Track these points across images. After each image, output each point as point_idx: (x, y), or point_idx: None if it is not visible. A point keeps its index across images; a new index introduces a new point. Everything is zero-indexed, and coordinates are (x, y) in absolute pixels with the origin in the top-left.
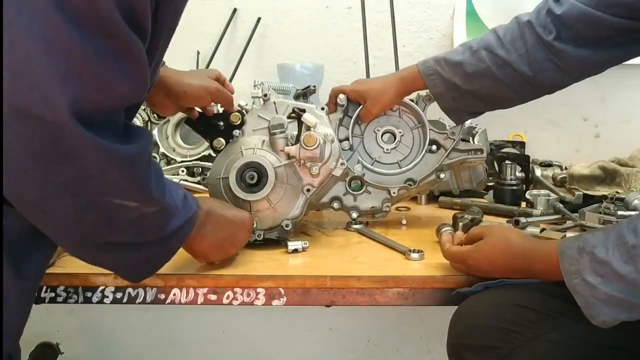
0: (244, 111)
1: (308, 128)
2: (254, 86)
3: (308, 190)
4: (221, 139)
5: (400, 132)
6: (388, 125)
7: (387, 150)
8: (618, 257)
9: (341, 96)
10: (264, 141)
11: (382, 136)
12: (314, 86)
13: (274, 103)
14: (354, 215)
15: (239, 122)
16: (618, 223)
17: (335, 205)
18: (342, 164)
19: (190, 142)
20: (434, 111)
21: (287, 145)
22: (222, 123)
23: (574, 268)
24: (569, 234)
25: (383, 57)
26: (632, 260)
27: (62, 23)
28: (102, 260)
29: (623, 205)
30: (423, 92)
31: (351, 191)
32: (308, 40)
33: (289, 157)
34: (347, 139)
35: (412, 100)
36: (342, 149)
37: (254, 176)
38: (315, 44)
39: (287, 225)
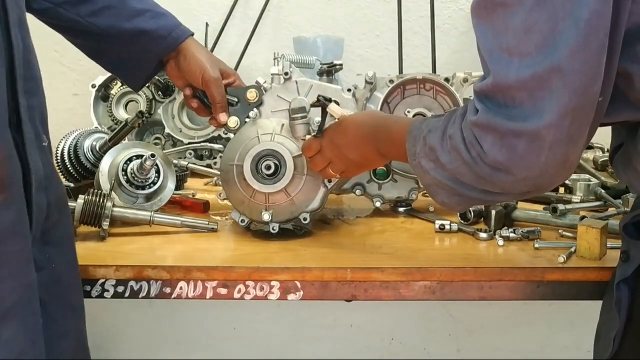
0: (262, 89)
1: (333, 117)
2: (274, 59)
3: (330, 181)
4: (235, 118)
5: (432, 114)
6: (420, 107)
7: None
8: (443, 145)
9: (369, 73)
10: (283, 125)
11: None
12: (341, 64)
13: (296, 82)
14: (378, 203)
15: (255, 100)
16: (454, 110)
17: (357, 191)
18: None
19: (197, 122)
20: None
21: (309, 132)
22: (236, 99)
23: (414, 150)
24: (611, 222)
25: (408, 30)
26: (450, 151)
27: None
28: None
29: None
30: (460, 74)
31: (376, 179)
32: (327, 11)
33: (308, 133)
34: None
35: (446, 80)
36: None
37: (271, 166)
38: (335, 15)
39: (305, 219)
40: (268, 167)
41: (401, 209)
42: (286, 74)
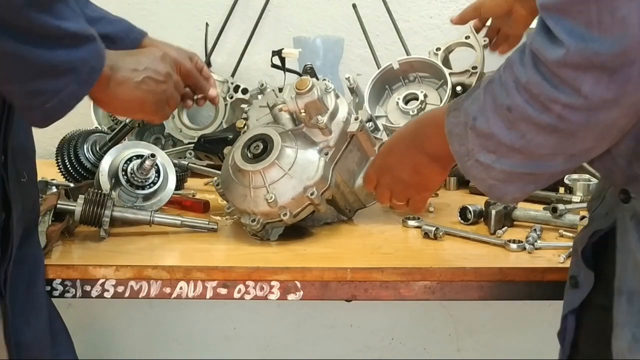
0: (247, 115)
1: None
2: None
3: (326, 153)
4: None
5: (422, 92)
6: (408, 91)
7: (414, 112)
8: (500, 124)
9: (351, 79)
10: (268, 124)
11: (406, 104)
12: (310, 65)
13: (273, 90)
14: None
15: (244, 127)
16: (490, 80)
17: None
18: (355, 118)
19: (197, 122)
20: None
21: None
22: (231, 136)
23: (464, 149)
24: None
25: (408, 30)
26: (513, 125)
27: None
28: None
29: None
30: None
31: None
32: (327, 11)
33: (294, 123)
34: (370, 120)
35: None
36: None
37: (259, 145)
38: (335, 15)
39: (312, 194)
40: (257, 148)
41: (411, 222)
42: (262, 85)
